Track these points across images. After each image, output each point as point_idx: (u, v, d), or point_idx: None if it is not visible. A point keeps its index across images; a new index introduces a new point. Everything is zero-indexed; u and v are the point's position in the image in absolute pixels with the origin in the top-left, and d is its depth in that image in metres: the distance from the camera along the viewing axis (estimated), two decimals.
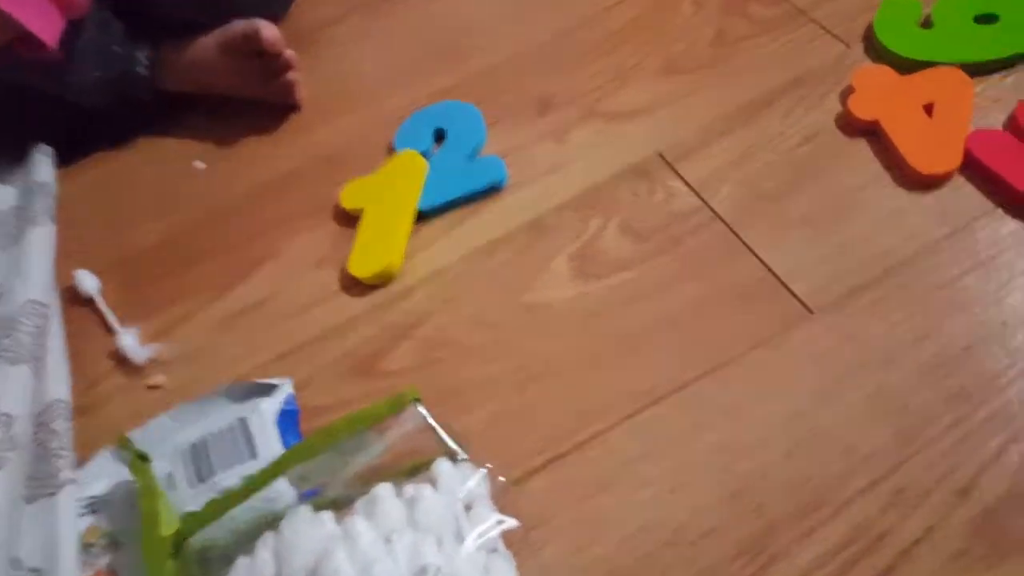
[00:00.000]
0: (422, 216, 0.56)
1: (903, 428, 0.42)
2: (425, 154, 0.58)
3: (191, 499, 0.43)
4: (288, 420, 0.47)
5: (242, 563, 0.38)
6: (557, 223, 0.54)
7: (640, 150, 0.56)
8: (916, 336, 0.45)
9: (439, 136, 0.60)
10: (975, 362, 0.43)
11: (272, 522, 0.39)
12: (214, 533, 0.40)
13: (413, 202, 0.56)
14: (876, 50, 0.57)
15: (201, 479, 0.44)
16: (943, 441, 0.41)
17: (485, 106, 0.61)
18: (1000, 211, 0.48)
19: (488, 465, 0.39)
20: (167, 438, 0.47)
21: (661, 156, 0.55)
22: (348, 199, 0.58)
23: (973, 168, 0.50)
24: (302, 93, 0.66)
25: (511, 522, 0.37)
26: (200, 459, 0.45)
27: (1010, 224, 0.48)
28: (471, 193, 0.57)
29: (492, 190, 0.57)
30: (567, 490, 0.43)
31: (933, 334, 0.45)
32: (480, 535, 0.37)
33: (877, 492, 0.41)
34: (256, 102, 0.66)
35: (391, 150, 0.61)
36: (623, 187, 0.55)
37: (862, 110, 0.53)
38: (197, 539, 0.40)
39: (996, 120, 0.52)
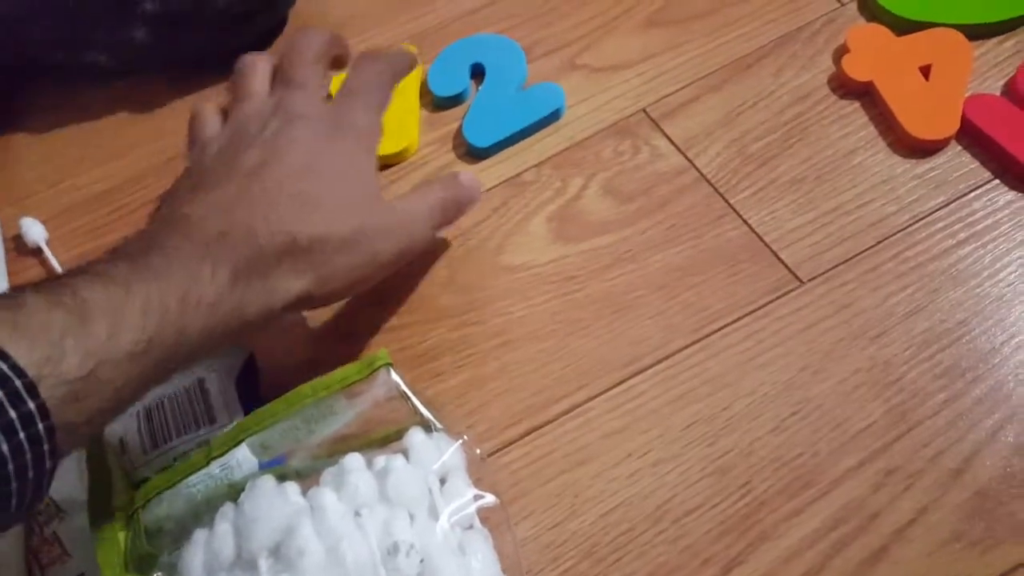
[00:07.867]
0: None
1: (895, 405, 0.41)
2: (464, 93, 0.56)
3: (144, 466, 0.40)
4: (248, 382, 0.44)
5: (199, 536, 0.35)
6: (536, 181, 0.51)
7: (624, 106, 0.53)
8: (909, 309, 0.43)
9: (475, 72, 0.57)
10: (970, 337, 0.42)
11: (232, 493, 0.36)
12: (169, 503, 0.37)
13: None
14: (871, 9, 0.54)
15: (155, 445, 0.41)
16: (936, 420, 0.40)
17: None
18: (997, 181, 0.47)
19: (464, 436, 0.37)
20: None
21: (646, 112, 0.53)
22: None
23: (970, 135, 0.48)
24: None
25: (488, 498, 0.35)
26: (154, 423, 0.42)
27: (1007, 195, 0.46)
28: (530, 125, 0.53)
29: (550, 120, 0.54)
30: (545, 463, 0.41)
31: (927, 307, 0.43)
32: (455, 511, 0.34)
33: (868, 471, 0.39)
34: None
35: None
36: (606, 145, 0.52)
37: (856, 71, 0.51)
38: (150, 510, 0.37)
39: (994, 86, 0.50)
